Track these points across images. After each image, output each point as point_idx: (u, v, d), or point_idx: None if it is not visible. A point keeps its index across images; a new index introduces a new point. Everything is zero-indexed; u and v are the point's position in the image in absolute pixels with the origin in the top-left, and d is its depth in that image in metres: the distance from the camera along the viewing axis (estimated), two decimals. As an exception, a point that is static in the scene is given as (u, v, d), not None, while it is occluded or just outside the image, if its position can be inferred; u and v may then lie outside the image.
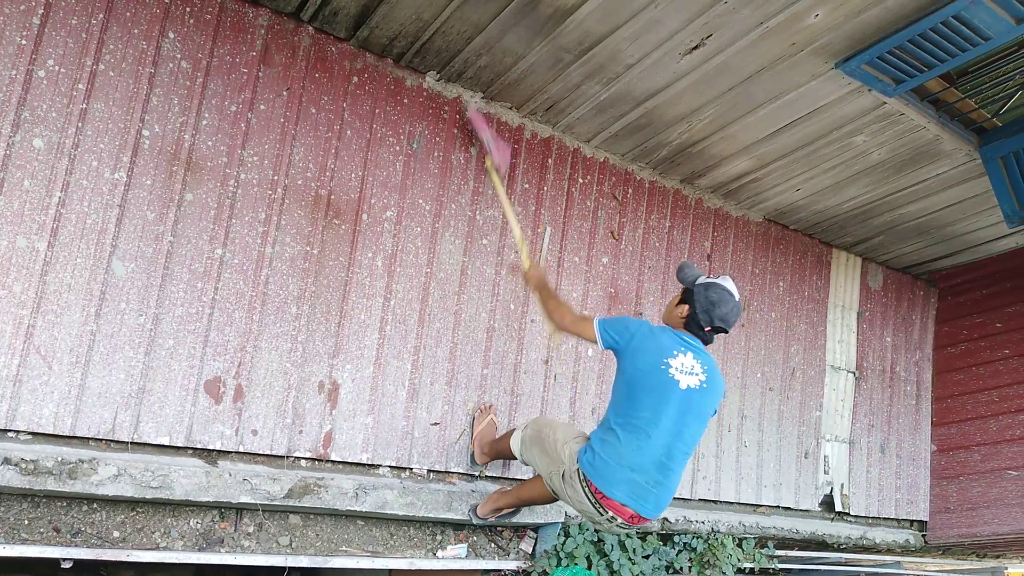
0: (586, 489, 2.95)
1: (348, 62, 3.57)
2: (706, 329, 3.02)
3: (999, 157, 4.02)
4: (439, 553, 3.64)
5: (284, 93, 3.39)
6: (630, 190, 4.52)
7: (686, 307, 3.05)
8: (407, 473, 3.61)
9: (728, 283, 3.04)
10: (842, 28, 3.14)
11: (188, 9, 3.19)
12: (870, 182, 4.55)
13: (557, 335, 3.65)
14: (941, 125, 3.88)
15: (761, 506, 4.93)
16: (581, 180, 4.31)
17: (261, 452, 3.22)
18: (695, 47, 3.34)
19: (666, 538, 4.33)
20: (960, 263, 5.85)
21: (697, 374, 2.97)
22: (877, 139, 4.03)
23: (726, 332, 3.07)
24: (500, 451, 3.56)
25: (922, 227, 5.18)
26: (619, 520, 2.97)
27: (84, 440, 2.89)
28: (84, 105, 2.95)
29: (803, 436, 5.18)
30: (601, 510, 2.96)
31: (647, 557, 4.11)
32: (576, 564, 3.75)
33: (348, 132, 3.55)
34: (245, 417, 3.19)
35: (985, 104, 4.04)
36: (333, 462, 3.41)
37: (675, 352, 2.96)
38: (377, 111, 3.63)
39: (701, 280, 3.07)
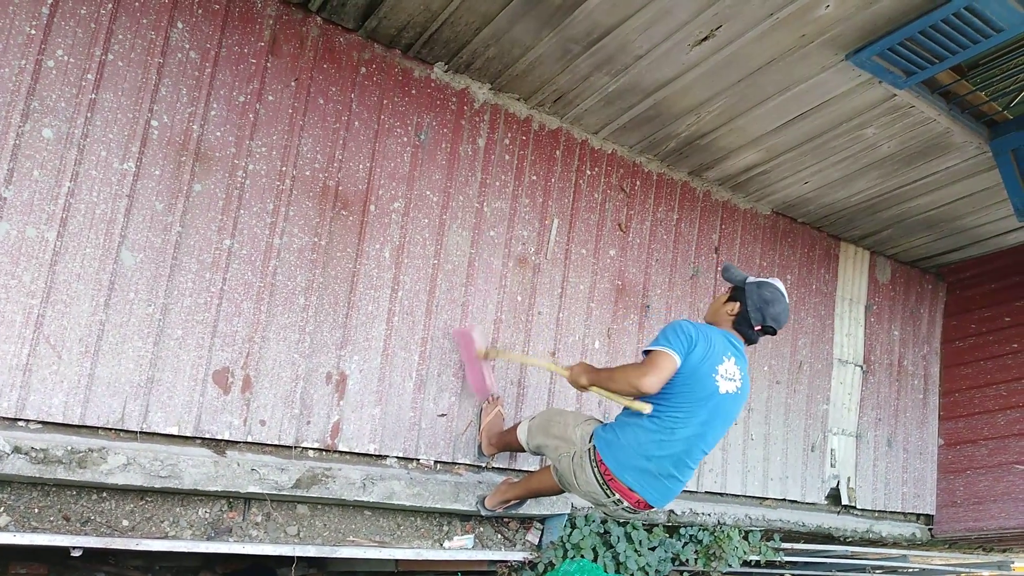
0: (596, 469, 2.95)
1: (356, 53, 3.57)
2: (756, 328, 2.99)
3: (1010, 150, 3.99)
4: (446, 544, 3.65)
5: (292, 84, 3.39)
6: (638, 182, 4.51)
7: (737, 305, 3.00)
8: (414, 464, 3.62)
9: (780, 284, 3.02)
10: (853, 19, 3.12)
11: (196, -1, 3.19)
12: (879, 175, 4.53)
13: (642, 404, 2.92)
14: (951, 118, 3.85)
15: (767, 499, 4.93)
16: (589, 172, 4.30)
17: (269, 442, 3.24)
18: (705, 38, 3.33)
19: (672, 530, 4.34)
20: (969, 257, 5.82)
21: (735, 380, 2.95)
22: (887, 132, 4.00)
23: (773, 334, 3.02)
24: (507, 443, 3.56)
25: (931, 220, 5.15)
26: (625, 504, 2.97)
27: (93, 429, 2.90)
28: (93, 95, 2.95)
29: (810, 429, 5.18)
30: (608, 491, 2.96)
31: (653, 549, 4.11)
32: (582, 556, 3.76)
33: (356, 123, 3.55)
34: (253, 407, 3.20)
35: (996, 97, 4.01)
36: (340, 452, 3.42)
37: (723, 358, 2.92)
38: (385, 102, 3.63)
39: (752, 279, 3.03)
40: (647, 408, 2.88)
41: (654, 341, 2.90)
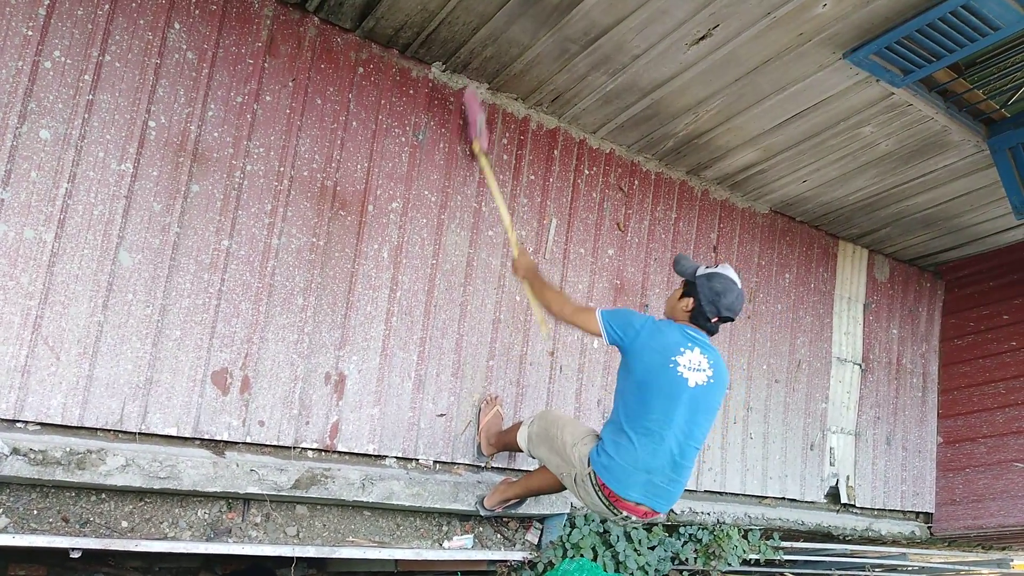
0: (599, 492, 2.95)
1: (354, 53, 3.57)
2: (713, 320, 2.97)
3: (1007, 148, 3.99)
4: (445, 544, 3.65)
5: (290, 84, 3.39)
6: (636, 181, 4.51)
7: (690, 300, 2.99)
8: (413, 464, 3.62)
9: (730, 271, 3.00)
10: (850, 18, 3.12)
11: None
12: (877, 173, 4.53)
13: (547, 324, 3.37)
14: (949, 116, 3.86)
15: (767, 498, 4.94)
16: (587, 171, 4.30)
17: (268, 443, 3.23)
18: (702, 37, 3.33)
19: (672, 529, 4.34)
20: (967, 255, 5.83)
21: (704, 370, 2.93)
22: (884, 130, 4.01)
23: (732, 321, 3.03)
24: (507, 443, 3.56)
25: (929, 219, 5.16)
26: (632, 517, 2.98)
27: (92, 431, 2.90)
28: (90, 96, 2.95)
29: (809, 428, 5.18)
30: (614, 510, 2.97)
31: (653, 548, 4.11)
32: (582, 555, 3.76)
33: (354, 123, 3.54)
34: (252, 408, 3.20)
35: (993, 95, 4.02)
36: (340, 453, 3.42)
37: (682, 349, 2.91)
38: (383, 102, 3.63)
39: (702, 271, 3.01)
40: (546, 328, 3.17)
41: (607, 310, 3.05)
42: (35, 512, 2.84)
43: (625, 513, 2.96)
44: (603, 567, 3.80)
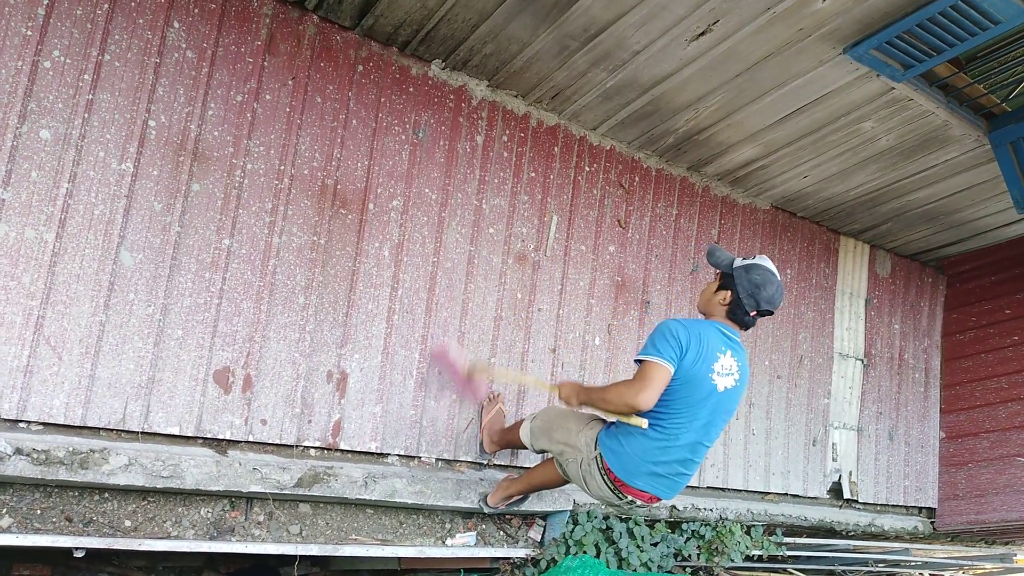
0: (606, 477, 2.95)
1: (353, 51, 3.56)
2: (752, 314, 2.86)
3: (1008, 142, 3.98)
4: (448, 541, 3.65)
5: (289, 82, 3.39)
6: (637, 178, 4.50)
7: (728, 293, 2.86)
8: (416, 462, 3.62)
9: (767, 262, 2.86)
10: (851, 13, 3.11)
11: (193, -1, 3.19)
12: (878, 168, 4.53)
13: (640, 420, 2.83)
14: (950, 110, 3.85)
15: (769, 493, 4.94)
16: (587, 168, 4.29)
17: (271, 441, 3.24)
18: (702, 33, 3.32)
19: (674, 525, 4.34)
20: (969, 250, 5.82)
21: (733, 374, 2.85)
22: (885, 125, 4.00)
23: (771, 315, 2.90)
24: (510, 441, 3.56)
25: (930, 214, 5.15)
26: (638, 502, 2.98)
27: (95, 430, 2.91)
28: (90, 96, 2.95)
29: (811, 424, 5.18)
30: (620, 495, 2.96)
31: (655, 544, 4.11)
32: (585, 552, 3.76)
33: (354, 121, 3.54)
34: (254, 407, 3.20)
35: (994, 89, 4.01)
36: (342, 451, 3.43)
37: (718, 355, 2.81)
38: (383, 100, 3.63)
39: (739, 262, 2.87)
40: (644, 423, 2.81)
41: (644, 350, 2.81)
42: (39, 512, 2.84)
43: (630, 498, 2.96)
44: (606, 563, 3.80)
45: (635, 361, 2.85)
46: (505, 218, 3.97)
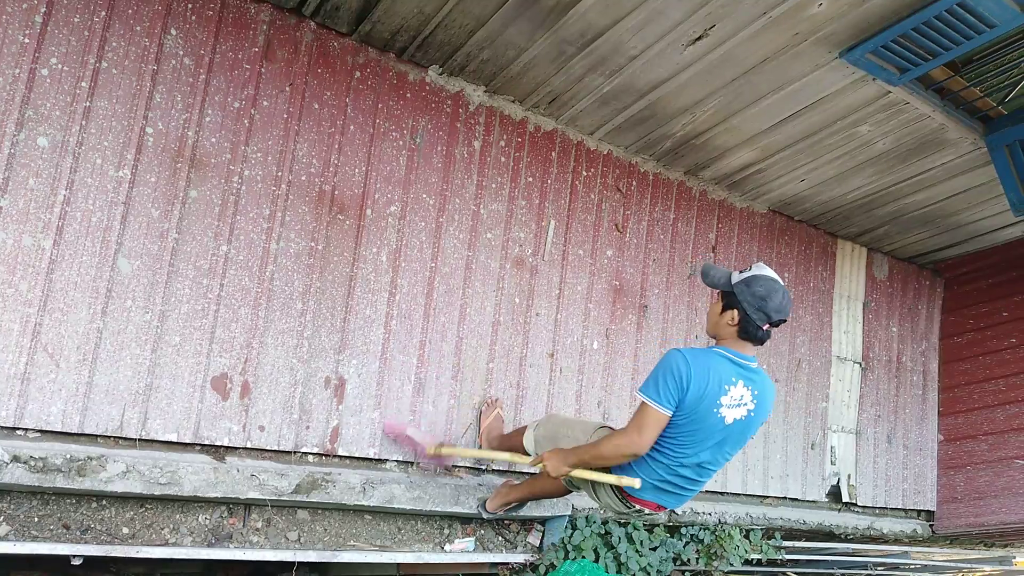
0: (615, 489, 2.95)
1: (350, 57, 3.57)
2: (764, 328, 2.69)
3: (1005, 145, 4.00)
4: (447, 547, 3.65)
5: (287, 89, 3.39)
6: (634, 182, 4.51)
7: (734, 312, 2.70)
8: (414, 467, 3.61)
9: (766, 270, 2.72)
10: (846, 17, 3.12)
11: (190, 5, 3.19)
12: (875, 172, 4.53)
13: (631, 480, 2.81)
14: (946, 114, 3.86)
15: (768, 497, 4.93)
16: (585, 173, 4.30)
17: (268, 448, 3.23)
18: (698, 38, 3.33)
19: (673, 530, 4.34)
20: (966, 252, 5.83)
21: (746, 403, 2.73)
22: (882, 128, 4.01)
23: (784, 323, 2.77)
24: (510, 447, 3.53)
25: (927, 217, 5.16)
26: (645, 511, 2.98)
27: (92, 437, 2.90)
28: (88, 103, 2.95)
29: (809, 427, 5.18)
30: (628, 505, 2.96)
31: (654, 549, 4.11)
32: (583, 557, 3.76)
33: (351, 127, 3.55)
34: (252, 413, 3.20)
35: (990, 92, 4.02)
36: (340, 457, 3.42)
37: (727, 387, 2.69)
38: (380, 106, 3.63)
39: (737, 277, 2.73)
40: (636, 483, 2.75)
41: (645, 384, 2.71)
42: (36, 519, 2.83)
43: (637, 507, 2.96)
44: (605, 568, 3.80)
45: (639, 391, 2.75)
46: (503, 223, 3.97)
